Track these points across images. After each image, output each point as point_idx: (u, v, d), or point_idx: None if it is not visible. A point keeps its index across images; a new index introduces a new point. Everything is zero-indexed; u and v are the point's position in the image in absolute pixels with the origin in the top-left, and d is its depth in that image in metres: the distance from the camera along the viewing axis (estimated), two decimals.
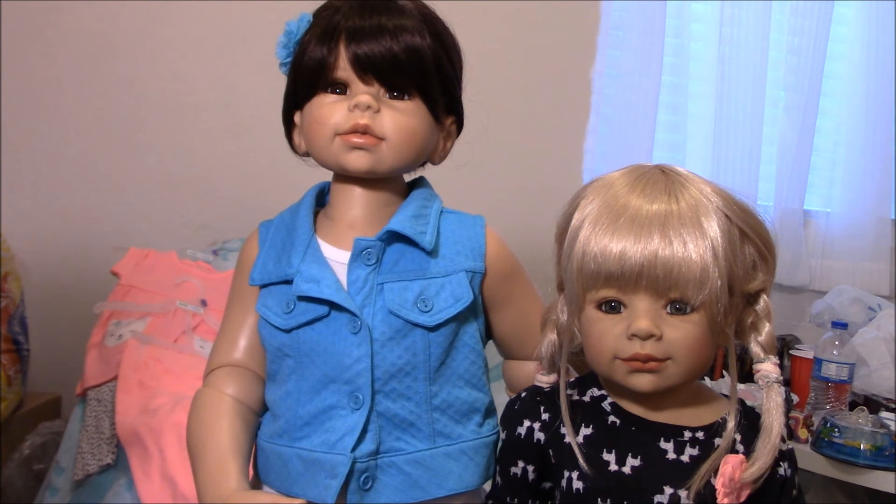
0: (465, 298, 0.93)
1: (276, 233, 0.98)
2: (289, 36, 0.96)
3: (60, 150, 2.10)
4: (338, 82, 0.93)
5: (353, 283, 0.91)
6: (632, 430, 0.89)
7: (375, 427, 0.90)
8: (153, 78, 2.13)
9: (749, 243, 0.88)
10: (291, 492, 0.91)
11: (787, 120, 2.48)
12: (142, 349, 1.66)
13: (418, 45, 0.92)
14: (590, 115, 2.37)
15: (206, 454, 0.91)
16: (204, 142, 2.16)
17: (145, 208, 2.13)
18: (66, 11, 2.08)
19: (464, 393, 0.94)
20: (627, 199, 0.85)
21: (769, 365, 0.89)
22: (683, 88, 2.44)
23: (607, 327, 0.86)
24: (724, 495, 0.85)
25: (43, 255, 2.08)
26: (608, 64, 2.38)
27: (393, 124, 0.92)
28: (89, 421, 1.59)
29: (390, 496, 0.90)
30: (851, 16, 2.55)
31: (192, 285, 1.78)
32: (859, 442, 1.61)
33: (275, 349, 0.94)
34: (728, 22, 2.40)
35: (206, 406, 0.94)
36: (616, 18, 2.38)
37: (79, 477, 1.51)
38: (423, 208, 0.96)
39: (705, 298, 0.83)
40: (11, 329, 1.84)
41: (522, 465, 0.92)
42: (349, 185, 0.96)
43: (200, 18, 2.15)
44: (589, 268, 0.85)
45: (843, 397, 1.82)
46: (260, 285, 0.96)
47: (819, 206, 2.59)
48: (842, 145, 2.59)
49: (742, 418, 0.89)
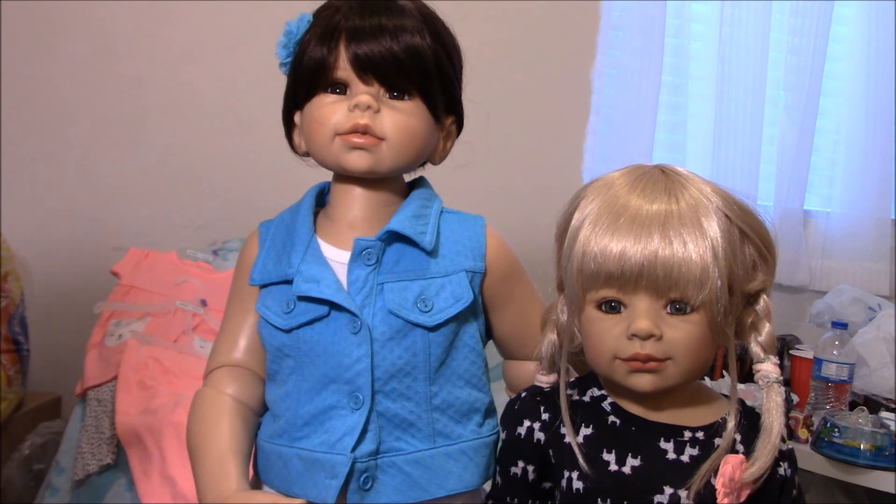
0: (465, 298, 0.93)
1: (276, 233, 0.98)
2: (289, 36, 0.96)
3: (60, 150, 2.10)
4: (338, 82, 0.93)
5: (353, 283, 0.91)
6: (632, 430, 0.89)
7: (375, 427, 0.90)
8: (153, 78, 2.13)
9: (749, 243, 0.88)
10: (291, 492, 0.91)
11: (787, 120, 2.47)
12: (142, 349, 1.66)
13: (418, 45, 0.92)
14: (590, 115, 2.37)
15: (206, 454, 0.91)
16: (204, 142, 2.16)
17: (145, 208, 2.14)
18: (66, 11, 2.08)
19: (464, 393, 0.94)
20: (627, 199, 0.85)
21: (769, 365, 0.89)
22: (683, 88, 2.43)
23: (607, 327, 0.86)
24: (724, 495, 0.85)
25: (43, 255, 2.08)
26: (608, 64, 2.38)
27: (393, 124, 0.92)
28: (89, 421, 1.59)
29: (390, 496, 0.90)
30: (851, 16, 2.55)
31: (192, 285, 1.79)
32: (859, 442, 1.61)
33: (275, 349, 0.94)
34: (728, 22, 2.40)
35: (206, 406, 0.94)
36: (616, 18, 2.38)
37: (79, 477, 1.51)
38: (423, 208, 0.96)
39: (705, 298, 0.83)
40: (11, 329, 1.84)
41: (522, 465, 0.92)
42: (349, 185, 0.96)
43: (200, 18, 2.15)
44: (589, 268, 0.85)
45: (843, 397, 1.82)
46: (260, 285, 0.96)
47: (819, 206, 2.59)
48: (842, 145, 2.58)
49: (742, 418, 0.89)
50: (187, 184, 2.14)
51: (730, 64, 2.40)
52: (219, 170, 2.16)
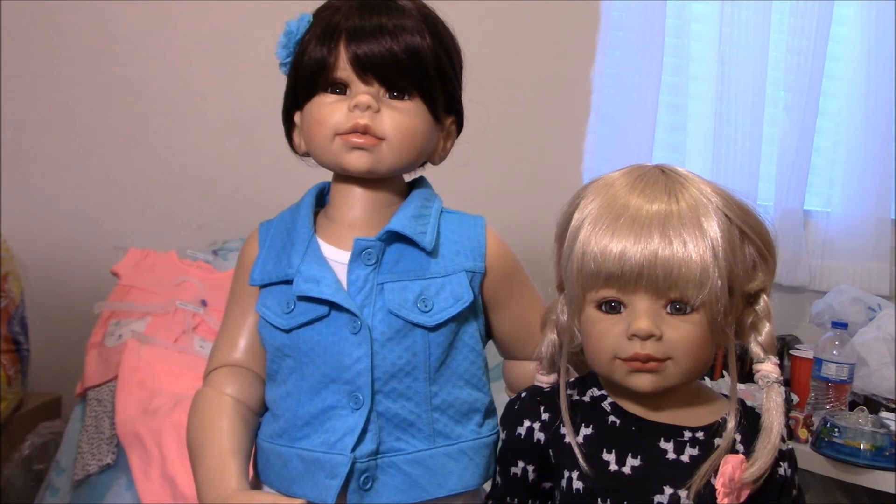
0: (465, 298, 0.93)
1: (276, 233, 0.98)
2: (289, 36, 0.96)
3: (60, 150, 2.10)
4: (338, 82, 0.93)
5: (353, 283, 0.91)
6: (632, 430, 0.89)
7: (375, 427, 0.90)
8: (153, 78, 2.13)
9: (749, 243, 0.88)
10: (291, 492, 0.91)
11: (787, 120, 2.48)
12: (142, 349, 1.66)
13: (418, 45, 0.92)
14: (590, 115, 2.37)
15: (206, 454, 0.91)
16: (204, 142, 2.16)
17: (145, 208, 2.13)
18: (66, 11, 2.08)
19: (464, 393, 0.94)
20: (627, 199, 0.85)
21: (769, 365, 0.89)
22: (683, 88, 2.43)
23: (607, 327, 0.86)
24: (724, 495, 0.85)
25: (43, 255, 2.08)
26: (608, 64, 2.38)
27: (393, 124, 0.92)
28: (89, 421, 1.59)
29: (390, 496, 0.90)
30: (851, 16, 2.55)
31: (192, 285, 1.79)
32: (859, 442, 1.61)
33: (275, 349, 0.94)
34: (728, 22, 2.40)
35: (206, 406, 0.94)
36: (616, 18, 2.38)
37: (79, 477, 1.51)
38: (423, 208, 0.96)
39: (705, 298, 0.83)
40: (11, 329, 1.84)
41: (522, 465, 0.92)
42: (349, 185, 0.96)
43: (200, 18, 2.15)
44: (589, 268, 0.85)
45: (843, 397, 1.82)
46: (260, 285, 0.96)
47: (819, 206, 2.59)
48: (842, 145, 2.58)
49: (742, 418, 0.89)
50: (187, 184, 2.14)
51: (730, 64, 2.40)
52: (219, 170, 2.16)
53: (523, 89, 2.31)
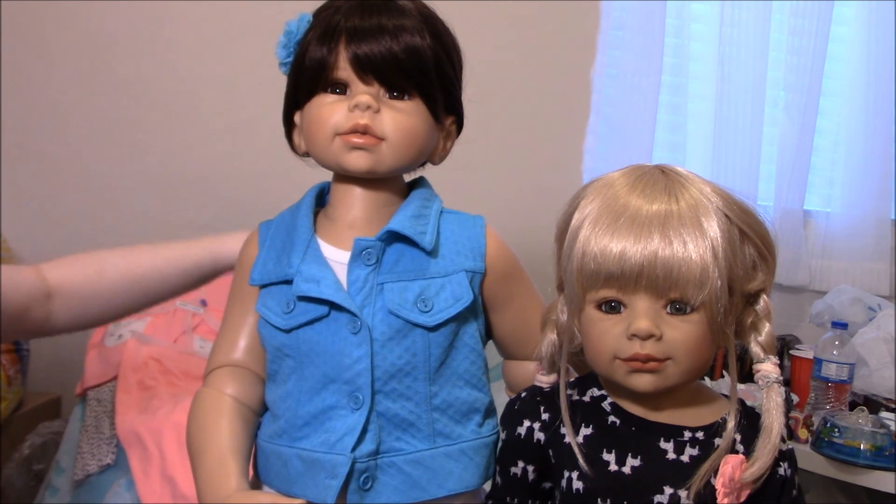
0: (465, 298, 0.93)
1: (276, 233, 0.98)
2: (289, 36, 0.96)
3: (60, 150, 2.11)
4: (338, 82, 0.93)
5: (352, 283, 0.91)
6: (632, 430, 0.89)
7: (375, 427, 0.90)
8: (153, 78, 2.13)
9: (749, 243, 0.88)
10: (291, 492, 0.91)
11: (787, 120, 2.47)
12: (142, 349, 1.66)
13: (418, 45, 0.92)
14: (590, 115, 2.37)
15: (205, 454, 0.91)
16: (204, 142, 2.16)
17: (145, 208, 2.14)
18: (66, 11, 2.09)
19: (464, 393, 0.94)
20: (627, 199, 0.85)
21: (769, 365, 0.89)
22: (683, 88, 2.43)
23: (607, 327, 0.86)
24: (724, 495, 0.85)
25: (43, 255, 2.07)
26: (608, 64, 2.38)
27: (393, 124, 0.92)
28: (89, 421, 1.59)
29: (390, 496, 0.90)
30: (851, 16, 2.55)
31: None
32: (859, 442, 1.61)
33: (275, 349, 0.94)
34: (728, 22, 2.40)
35: (205, 406, 0.94)
36: (616, 18, 2.38)
37: (79, 477, 1.51)
38: (423, 208, 0.96)
39: (705, 298, 0.83)
40: None
41: (522, 465, 0.92)
42: (349, 185, 0.96)
43: (200, 18, 2.15)
44: (589, 268, 0.85)
45: (843, 397, 1.81)
46: (260, 285, 0.96)
47: (819, 206, 2.59)
48: (842, 145, 2.58)
49: (742, 418, 0.89)
50: (187, 184, 2.14)
51: (730, 64, 2.40)
52: (219, 170, 2.16)
53: (523, 89, 2.31)
